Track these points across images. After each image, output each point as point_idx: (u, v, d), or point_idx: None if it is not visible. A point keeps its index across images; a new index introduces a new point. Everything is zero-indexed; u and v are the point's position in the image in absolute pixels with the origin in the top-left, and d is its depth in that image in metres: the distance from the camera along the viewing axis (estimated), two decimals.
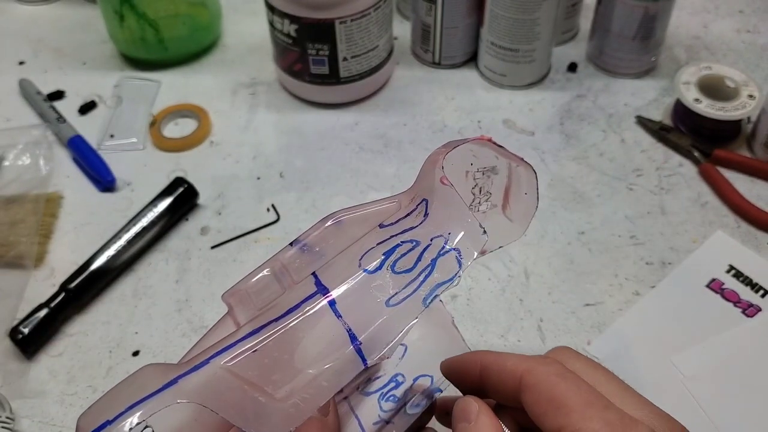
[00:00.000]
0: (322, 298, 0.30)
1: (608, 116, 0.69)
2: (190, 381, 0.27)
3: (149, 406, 0.26)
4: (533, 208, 0.36)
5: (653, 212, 0.60)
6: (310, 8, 0.62)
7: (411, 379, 0.37)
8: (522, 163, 0.34)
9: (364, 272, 0.31)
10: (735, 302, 0.54)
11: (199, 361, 0.28)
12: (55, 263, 0.58)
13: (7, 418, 0.48)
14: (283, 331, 0.29)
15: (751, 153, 0.65)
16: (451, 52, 0.73)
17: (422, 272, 0.31)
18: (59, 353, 0.53)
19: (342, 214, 0.34)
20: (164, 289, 0.56)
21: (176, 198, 0.60)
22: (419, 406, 0.36)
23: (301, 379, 0.29)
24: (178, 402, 0.27)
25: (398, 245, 0.31)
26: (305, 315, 0.29)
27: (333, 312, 0.30)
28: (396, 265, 0.31)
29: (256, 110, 0.71)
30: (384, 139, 0.67)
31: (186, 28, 0.73)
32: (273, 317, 0.29)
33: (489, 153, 0.34)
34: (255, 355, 0.28)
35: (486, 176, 0.36)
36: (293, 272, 0.32)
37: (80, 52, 0.77)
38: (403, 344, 0.38)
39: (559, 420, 0.27)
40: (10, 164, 0.65)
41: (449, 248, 0.31)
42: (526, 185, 0.35)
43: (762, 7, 0.80)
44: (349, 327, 0.29)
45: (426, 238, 0.31)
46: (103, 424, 0.26)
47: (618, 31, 0.69)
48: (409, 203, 0.33)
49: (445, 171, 0.32)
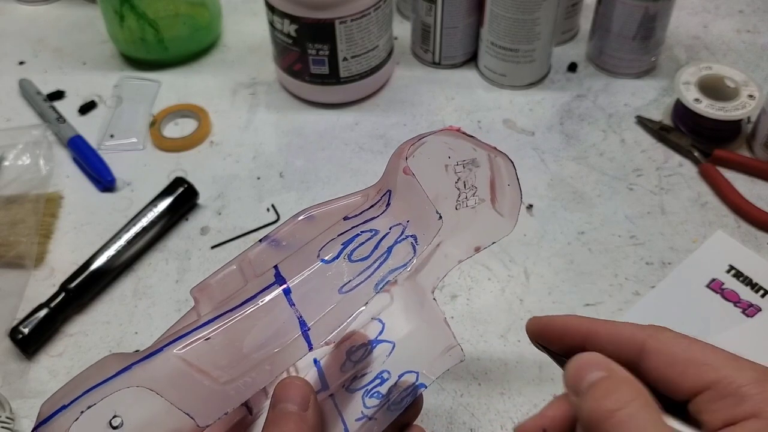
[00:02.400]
0: (278, 288, 0.31)
1: (608, 116, 0.69)
2: (143, 368, 0.29)
3: (102, 390, 0.28)
4: (518, 199, 0.36)
5: (653, 212, 0.60)
6: (310, 8, 0.62)
7: (396, 375, 0.37)
8: (498, 153, 0.35)
9: (321, 262, 0.32)
10: (735, 302, 0.54)
11: (154, 349, 0.29)
12: (55, 263, 0.58)
13: (7, 418, 0.48)
14: (237, 320, 0.30)
15: (751, 153, 0.65)
16: (451, 52, 0.73)
17: (378, 260, 0.32)
18: (59, 353, 0.53)
19: (313, 209, 0.34)
20: (164, 289, 0.56)
21: (176, 198, 0.60)
22: (403, 402, 0.36)
23: (246, 363, 0.30)
24: (128, 387, 0.28)
25: (357, 235, 0.32)
26: (260, 305, 0.31)
27: (287, 301, 0.31)
28: (353, 254, 0.32)
29: (256, 110, 0.71)
30: (384, 139, 0.67)
31: (186, 28, 0.73)
32: (230, 307, 0.31)
33: (465, 145, 0.35)
34: (206, 343, 0.30)
35: (467, 169, 0.36)
36: (258, 266, 0.33)
37: (80, 52, 0.77)
38: (391, 342, 0.38)
39: (707, 376, 0.27)
40: (10, 164, 0.65)
41: (406, 235, 0.32)
42: (507, 176, 0.36)
43: (762, 7, 0.80)
44: (300, 314, 0.31)
45: (385, 227, 0.32)
46: (59, 409, 0.28)
47: (618, 31, 0.69)
48: (375, 195, 0.34)
49: (423, 166, 0.33)
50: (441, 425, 0.48)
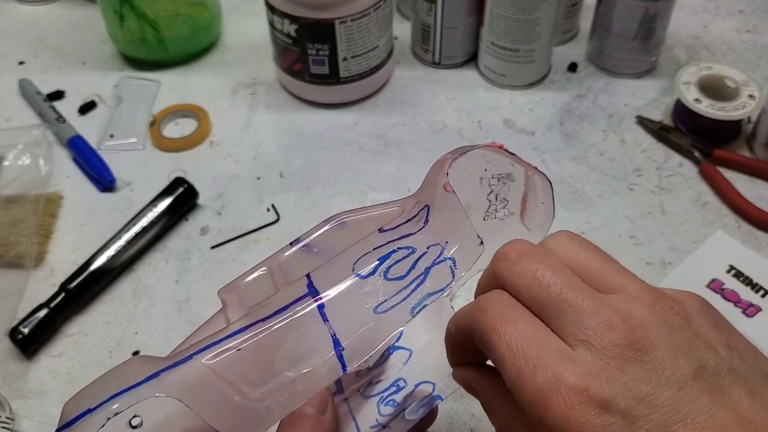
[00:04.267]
0: (312, 301, 0.30)
1: (608, 116, 0.69)
2: (171, 376, 0.28)
3: (129, 397, 0.27)
4: (550, 218, 0.35)
5: (653, 212, 0.60)
6: (310, 8, 0.62)
7: (412, 384, 0.36)
8: (537, 172, 0.34)
9: (356, 277, 0.30)
10: (735, 302, 0.54)
11: (183, 357, 0.28)
12: (55, 263, 0.58)
13: (7, 418, 0.48)
14: (268, 332, 0.29)
15: (751, 153, 0.65)
16: (451, 52, 0.73)
17: (414, 280, 0.30)
18: (59, 353, 0.53)
19: (345, 215, 0.33)
20: (164, 289, 0.56)
21: (176, 198, 0.60)
22: (418, 413, 0.35)
23: (278, 381, 0.29)
24: (156, 396, 0.27)
25: (394, 251, 0.31)
26: (293, 317, 0.29)
27: (321, 316, 0.29)
28: (389, 272, 0.31)
29: (256, 110, 0.71)
30: (384, 139, 0.67)
31: (186, 28, 0.73)
32: (261, 317, 0.29)
33: (503, 160, 0.34)
34: (237, 354, 0.28)
35: (502, 183, 0.35)
36: (289, 272, 0.32)
37: (80, 52, 0.77)
38: (408, 349, 0.37)
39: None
40: (10, 164, 0.65)
41: (444, 258, 0.31)
42: (543, 194, 0.35)
43: (762, 7, 0.80)
44: (334, 332, 0.29)
45: (423, 246, 0.31)
46: (84, 412, 0.27)
47: (618, 31, 0.69)
48: (412, 208, 0.33)
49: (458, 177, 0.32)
50: (441, 425, 0.48)
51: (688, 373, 0.24)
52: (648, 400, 0.24)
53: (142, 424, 0.29)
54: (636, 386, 0.24)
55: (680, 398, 0.24)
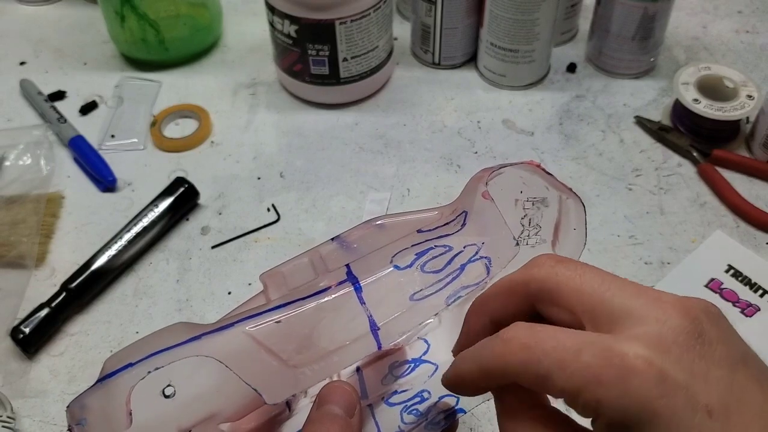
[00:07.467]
0: (350, 285, 0.31)
1: (607, 116, 0.69)
2: (212, 340, 0.29)
3: (170, 355, 0.28)
4: (581, 245, 0.36)
5: (652, 212, 0.60)
6: (310, 9, 0.62)
7: (437, 396, 0.37)
8: (571, 194, 0.35)
9: (393, 268, 0.32)
10: (734, 302, 0.54)
11: (225, 323, 0.30)
12: (56, 263, 0.58)
13: (8, 418, 0.48)
14: (307, 308, 0.31)
15: (749, 153, 0.65)
16: (451, 53, 0.73)
17: (450, 275, 0.32)
18: (60, 353, 0.53)
19: (384, 218, 0.35)
20: (165, 289, 0.57)
21: (177, 198, 0.60)
22: (440, 424, 0.36)
23: (315, 351, 0.30)
24: (197, 356, 0.28)
25: (431, 248, 0.32)
26: (331, 297, 0.31)
27: (358, 299, 0.31)
28: (426, 266, 0.32)
29: (256, 110, 0.71)
30: (384, 139, 0.67)
31: (187, 28, 0.74)
32: (301, 296, 0.31)
33: (539, 182, 0.35)
34: (277, 325, 0.30)
35: (536, 207, 0.36)
36: (329, 263, 0.34)
37: (81, 52, 0.78)
38: (435, 364, 0.38)
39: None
40: (11, 164, 0.65)
41: (480, 256, 0.32)
42: (575, 220, 0.36)
43: (761, 8, 0.80)
44: (370, 313, 0.31)
45: (459, 245, 0.33)
46: (125, 366, 0.28)
47: (617, 32, 0.69)
48: (450, 214, 0.34)
49: (495, 195, 0.33)
50: None
51: (738, 357, 0.25)
52: (703, 375, 0.24)
53: (175, 394, 0.30)
54: (691, 360, 0.24)
55: (732, 379, 0.24)
